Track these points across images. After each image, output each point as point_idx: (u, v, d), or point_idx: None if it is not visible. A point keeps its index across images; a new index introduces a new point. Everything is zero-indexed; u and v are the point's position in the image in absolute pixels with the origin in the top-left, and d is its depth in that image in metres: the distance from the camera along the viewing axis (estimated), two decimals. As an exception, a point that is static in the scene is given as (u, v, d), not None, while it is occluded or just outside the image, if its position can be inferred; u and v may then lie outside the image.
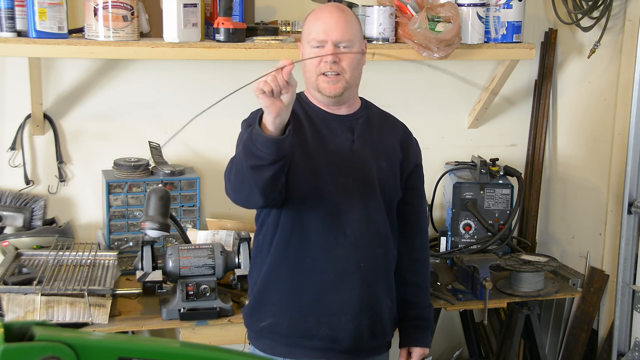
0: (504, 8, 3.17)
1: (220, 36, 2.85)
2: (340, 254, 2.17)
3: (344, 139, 2.21)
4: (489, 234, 3.31)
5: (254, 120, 2.16)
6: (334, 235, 2.16)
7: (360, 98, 2.32)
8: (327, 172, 2.16)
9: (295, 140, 2.13)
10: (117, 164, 3.05)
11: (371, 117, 2.28)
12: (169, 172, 3.06)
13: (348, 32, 2.14)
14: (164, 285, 2.68)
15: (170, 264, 2.65)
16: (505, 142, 3.70)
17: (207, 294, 2.63)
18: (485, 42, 3.18)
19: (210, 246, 2.71)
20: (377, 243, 2.21)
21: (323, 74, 2.14)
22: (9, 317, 2.48)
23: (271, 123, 1.88)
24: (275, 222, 2.21)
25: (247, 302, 2.40)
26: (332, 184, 2.16)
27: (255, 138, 1.90)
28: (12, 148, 3.05)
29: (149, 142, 3.12)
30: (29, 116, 3.03)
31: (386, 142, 2.27)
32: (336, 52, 2.11)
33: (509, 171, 3.37)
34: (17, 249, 2.88)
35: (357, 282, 2.19)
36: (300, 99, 2.27)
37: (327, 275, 2.17)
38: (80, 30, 2.84)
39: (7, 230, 2.95)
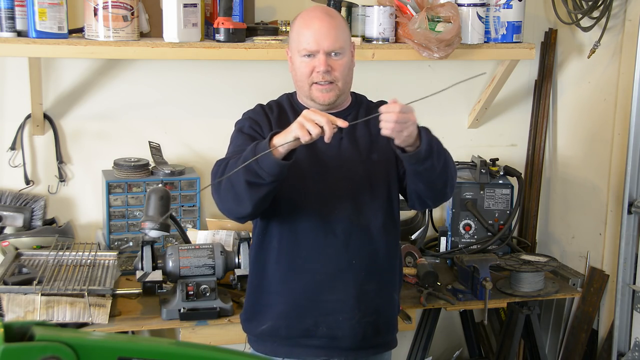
0: (504, 8, 3.17)
1: (220, 36, 2.85)
2: (330, 254, 2.17)
3: (332, 137, 2.19)
4: (489, 234, 3.31)
5: (246, 125, 2.19)
6: (323, 235, 2.16)
7: (351, 93, 2.30)
8: (314, 172, 2.16)
9: None
10: (117, 164, 3.05)
11: (360, 112, 2.27)
12: (169, 172, 3.06)
13: (339, 39, 2.12)
14: (164, 285, 2.68)
15: (170, 264, 2.65)
16: (505, 142, 3.70)
17: (207, 294, 2.63)
18: (485, 42, 3.18)
19: (210, 246, 2.71)
20: (370, 240, 2.20)
21: (316, 82, 2.14)
22: (9, 317, 2.48)
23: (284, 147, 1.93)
24: (266, 225, 2.22)
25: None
26: (320, 184, 2.17)
27: (260, 157, 1.93)
28: (12, 148, 3.05)
29: (149, 142, 3.12)
30: (29, 116, 3.03)
31: (376, 133, 2.20)
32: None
33: (509, 171, 3.37)
34: (17, 249, 2.88)
35: (350, 281, 2.18)
36: (291, 98, 2.28)
37: (319, 275, 2.17)
38: (80, 30, 2.84)
39: (7, 230, 2.95)
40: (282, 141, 1.92)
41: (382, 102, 2.35)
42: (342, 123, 1.91)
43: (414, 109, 1.95)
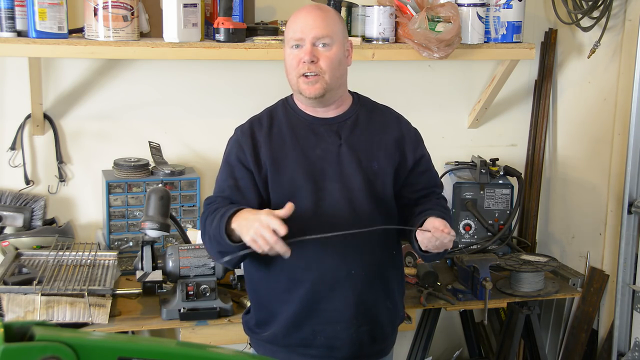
0: (504, 8, 3.17)
1: (220, 36, 2.85)
2: (329, 264, 2.13)
3: (331, 144, 2.16)
4: (489, 234, 3.31)
5: (232, 154, 2.19)
6: (322, 245, 2.11)
7: (353, 94, 2.27)
8: (312, 181, 2.13)
9: (278, 153, 2.14)
10: (117, 164, 3.05)
11: (361, 116, 2.23)
12: (169, 172, 3.06)
13: (326, 29, 2.09)
14: (164, 285, 2.68)
15: (170, 264, 2.65)
16: (505, 142, 3.70)
17: (207, 294, 2.63)
18: (485, 42, 3.18)
19: (210, 246, 2.71)
20: (369, 249, 2.17)
21: (303, 75, 2.10)
22: (9, 317, 2.48)
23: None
24: None
25: (247, 304, 2.39)
26: (319, 193, 2.13)
27: (222, 241, 2.01)
28: (12, 148, 3.05)
29: (149, 142, 3.12)
30: (29, 116, 3.03)
31: (378, 141, 2.21)
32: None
33: (509, 171, 3.37)
34: (17, 249, 2.88)
35: (349, 290, 2.16)
36: (287, 104, 2.24)
37: (318, 285, 2.15)
38: (80, 30, 2.84)
39: (7, 230, 2.95)
40: (232, 250, 2.00)
41: (388, 108, 2.33)
42: (285, 252, 1.93)
43: (455, 235, 2.06)
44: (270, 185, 2.12)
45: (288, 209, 1.94)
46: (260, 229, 1.91)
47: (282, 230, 1.89)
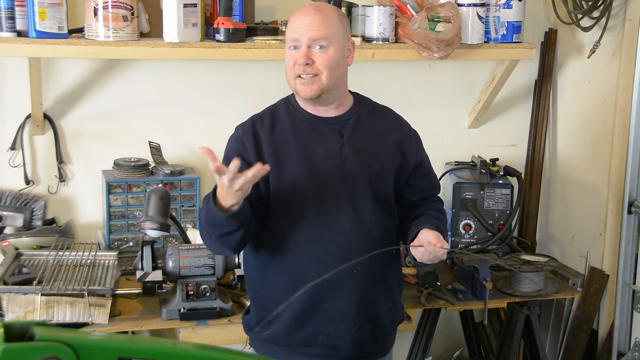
0: (504, 8, 3.17)
1: (220, 36, 2.85)
2: (332, 263, 2.10)
3: (333, 143, 2.16)
4: (489, 234, 3.31)
5: (233, 150, 2.18)
6: (325, 245, 2.13)
7: (354, 94, 2.28)
8: (314, 180, 2.13)
9: (280, 151, 2.14)
10: (117, 164, 3.05)
11: (363, 116, 2.23)
12: (169, 172, 3.06)
13: (323, 32, 2.08)
14: (164, 285, 2.68)
15: (170, 264, 2.65)
16: (505, 142, 3.70)
17: (207, 294, 2.63)
18: (485, 42, 3.18)
19: (210, 246, 2.71)
20: (371, 249, 2.15)
21: (299, 76, 2.10)
22: (9, 317, 2.48)
23: (226, 204, 1.96)
24: (266, 237, 2.18)
25: (247, 304, 2.39)
26: (321, 193, 2.14)
27: (214, 215, 1.98)
28: (12, 148, 3.05)
29: (149, 142, 3.12)
30: (29, 116, 3.03)
31: (380, 142, 2.22)
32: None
33: (509, 171, 3.37)
34: (17, 249, 2.88)
35: (351, 290, 2.16)
36: (288, 102, 2.24)
37: (320, 285, 2.10)
38: (80, 30, 2.84)
39: (7, 230, 2.95)
40: (227, 225, 1.99)
41: (388, 109, 2.34)
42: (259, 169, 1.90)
43: (448, 248, 2.07)
44: (271, 182, 2.12)
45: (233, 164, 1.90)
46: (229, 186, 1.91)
47: (233, 165, 1.88)
